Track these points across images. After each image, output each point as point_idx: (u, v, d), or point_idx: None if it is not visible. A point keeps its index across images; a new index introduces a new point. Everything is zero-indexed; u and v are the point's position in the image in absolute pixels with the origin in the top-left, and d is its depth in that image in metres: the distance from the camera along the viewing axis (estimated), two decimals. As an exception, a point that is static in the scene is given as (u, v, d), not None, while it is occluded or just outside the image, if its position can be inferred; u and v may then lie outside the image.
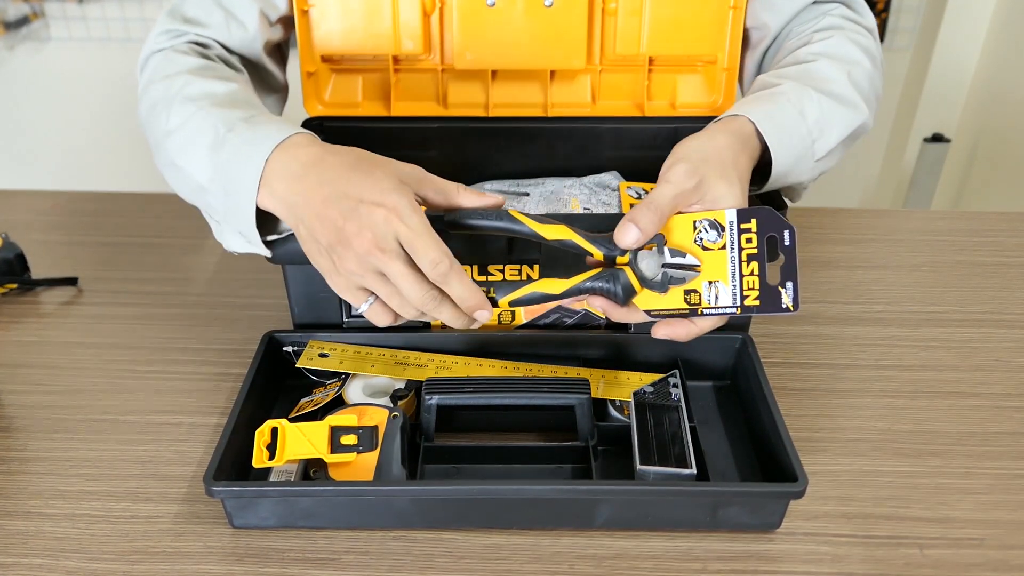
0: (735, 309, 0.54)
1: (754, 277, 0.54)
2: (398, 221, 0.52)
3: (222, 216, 0.62)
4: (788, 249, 0.54)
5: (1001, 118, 2.01)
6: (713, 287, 0.55)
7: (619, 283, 0.55)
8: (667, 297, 0.56)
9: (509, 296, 0.56)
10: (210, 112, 0.62)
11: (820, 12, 0.76)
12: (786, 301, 0.54)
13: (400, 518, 0.58)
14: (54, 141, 2.41)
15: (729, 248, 0.55)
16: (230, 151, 0.59)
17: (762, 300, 0.54)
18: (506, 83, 0.84)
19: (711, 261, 0.55)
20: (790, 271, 0.54)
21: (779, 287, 0.54)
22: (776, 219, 0.54)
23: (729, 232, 0.55)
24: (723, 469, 0.63)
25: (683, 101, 0.84)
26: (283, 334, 0.71)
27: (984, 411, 0.70)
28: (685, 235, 0.56)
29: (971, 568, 0.56)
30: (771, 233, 0.54)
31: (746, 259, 0.54)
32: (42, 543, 0.58)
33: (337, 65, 0.83)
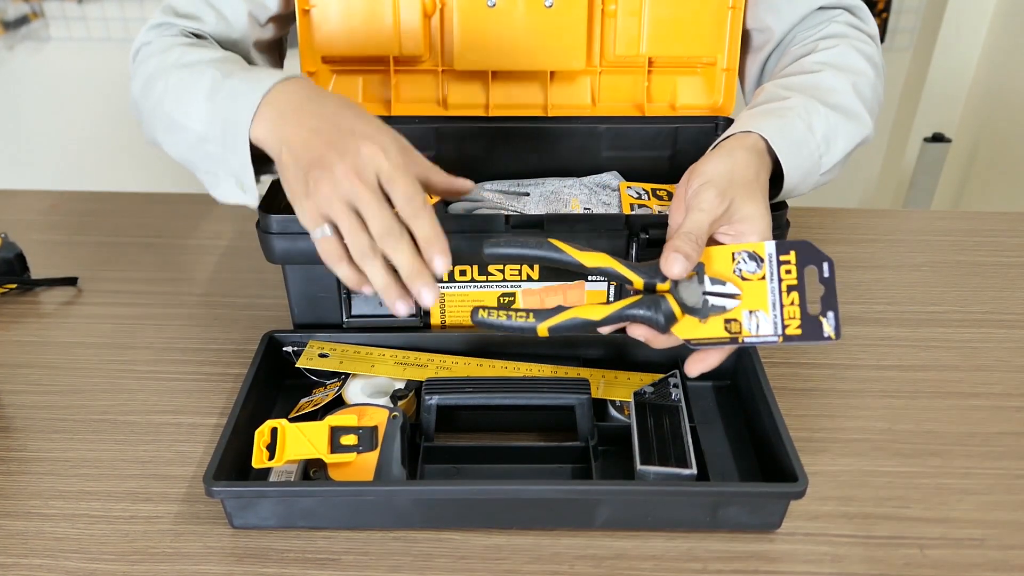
0: (777, 338, 0.54)
1: (795, 307, 0.53)
2: (383, 157, 0.53)
3: (220, 159, 0.63)
4: (828, 281, 0.53)
5: (1001, 118, 2.01)
6: (754, 316, 0.54)
7: (660, 310, 0.54)
8: (707, 326, 0.55)
9: (548, 322, 0.55)
10: (207, 66, 0.64)
11: (825, 18, 0.76)
12: (828, 330, 0.53)
13: (400, 518, 0.58)
14: (54, 141, 2.41)
15: (769, 279, 0.54)
16: (227, 91, 0.61)
17: (804, 329, 0.53)
18: (506, 84, 0.84)
19: (751, 291, 0.55)
20: (830, 301, 0.53)
21: (820, 316, 0.53)
22: (814, 251, 0.54)
23: (768, 264, 0.54)
24: (723, 469, 0.63)
25: (683, 102, 0.84)
26: (283, 334, 0.71)
27: (984, 411, 0.70)
28: (724, 266, 0.56)
29: (971, 568, 0.56)
30: (810, 264, 0.54)
31: (786, 289, 0.54)
32: (42, 543, 0.58)
33: (337, 66, 0.83)
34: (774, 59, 0.80)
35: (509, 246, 0.56)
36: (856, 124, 0.68)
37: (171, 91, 0.65)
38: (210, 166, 0.64)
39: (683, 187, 0.60)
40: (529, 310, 0.55)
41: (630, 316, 0.55)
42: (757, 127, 0.62)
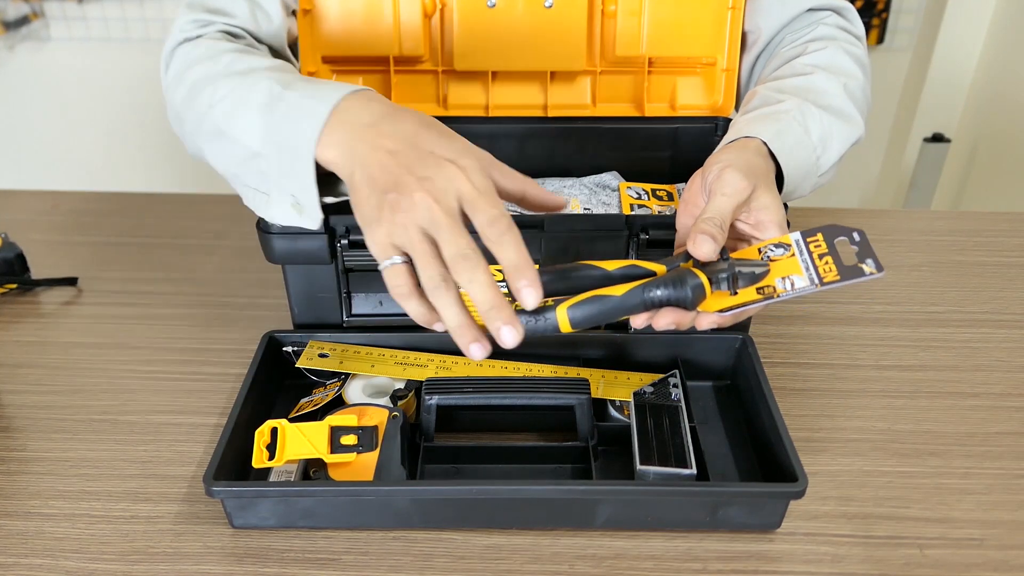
0: (815, 286, 0.52)
1: (829, 264, 0.52)
2: (465, 179, 0.49)
3: (275, 179, 0.58)
4: (862, 242, 0.52)
5: (1001, 118, 2.01)
6: (787, 280, 0.53)
7: (687, 285, 0.50)
8: (738, 297, 0.53)
9: (566, 303, 0.50)
10: (263, 75, 0.59)
11: (814, 20, 0.77)
12: (868, 269, 0.51)
13: (400, 518, 0.58)
14: (54, 141, 2.41)
15: (799, 254, 0.54)
16: (287, 107, 0.56)
17: (842, 274, 0.51)
18: (506, 84, 0.84)
19: (780, 265, 0.53)
20: (866, 252, 0.52)
21: (858, 264, 0.51)
22: (840, 228, 0.54)
23: (796, 247, 0.54)
24: (723, 469, 0.63)
25: (683, 102, 0.84)
26: (283, 334, 0.71)
27: (984, 411, 0.70)
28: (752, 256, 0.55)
29: (971, 568, 0.56)
30: (839, 236, 0.53)
31: (818, 256, 0.53)
32: (42, 543, 0.58)
33: (337, 66, 0.83)
34: (762, 60, 0.80)
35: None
36: (849, 125, 0.68)
37: (221, 101, 0.60)
38: (261, 184, 0.60)
39: (694, 183, 0.60)
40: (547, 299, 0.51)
41: (655, 295, 0.51)
42: (756, 132, 0.62)
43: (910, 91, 2.19)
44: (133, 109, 2.30)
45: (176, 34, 0.71)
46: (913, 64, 2.17)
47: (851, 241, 0.53)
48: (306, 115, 0.55)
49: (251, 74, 0.60)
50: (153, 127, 2.29)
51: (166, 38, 0.72)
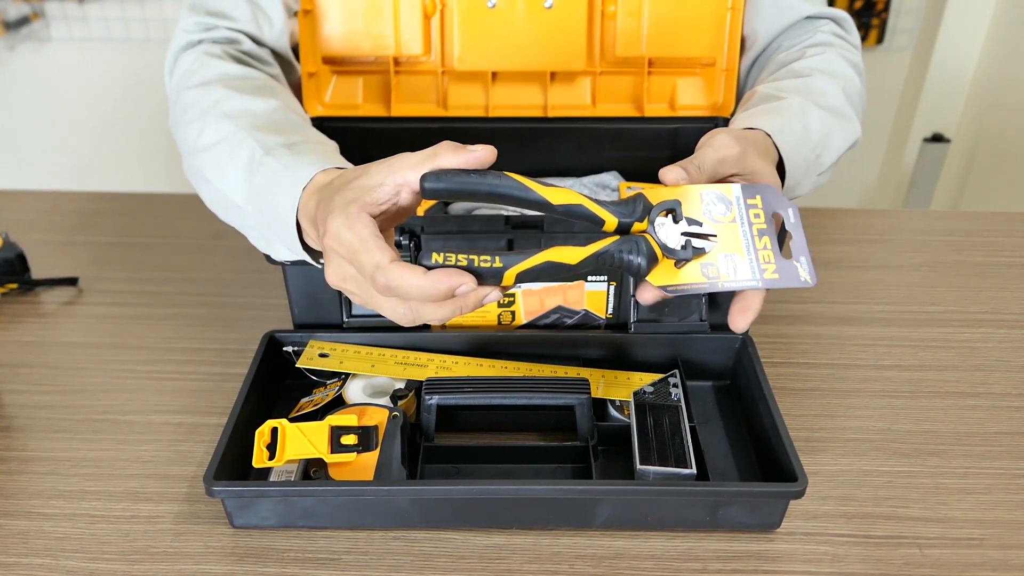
0: (756, 282, 0.51)
1: (768, 251, 0.52)
2: (336, 245, 0.48)
3: (263, 232, 0.60)
4: (795, 226, 0.53)
5: (1001, 118, 2.01)
6: (730, 259, 0.51)
7: (641, 251, 0.50)
8: (684, 272, 0.51)
9: (516, 267, 0.48)
10: (249, 134, 0.60)
11: (811, 28, 0.78)
12: (803, 275, 0.51)
13: (400, 518, 0.58)
14: (54, 141, 2.41)
15: (740, 222, 0.52)
16: (267, 174, 0.57)
17: (780, 274, 0.51)
18: (506, 85, 0.84)
19: (723, 234, 0.52)
20: (801, 247, 0.52)
21: (794, 262, 0.52)
22: (778, 198, 0.53)
23: (737, 206, 0.52)
24: (723, 469, 0.63)
25: (683, 103, 0.84)
26: (283, 334, 0.71)
27: (984, 411, 0.70)
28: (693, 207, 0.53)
29: (971, 568, 0.56)
30: (775, 210, 0.53)
31: (757, 233, 0.52)
32: (42, 543, 0.58)
33: (338, 66, 0.83)
34: (757, 67, 0.81)
35: (457, 179, 0.48)
36: (848, 125, 0.69)
37: (207, 150, 0.62)
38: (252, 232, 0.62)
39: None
40: (496, 254, 0.48)
41: (608, 258, 0.50)
42: (759, 124, 0.62)
43: (910, 91, 2.19)
44: (133, 109, 2.30)
45: (179, 37, 0.72)
46: (913, 64, 2.17)
47: (786, 221, 0.52)
48: (283, 188, 0.56)
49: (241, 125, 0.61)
50: (153, 127, 2.29)
51: (170, 40, 0.72)
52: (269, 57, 0.75)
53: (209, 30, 0.72)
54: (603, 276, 0.70)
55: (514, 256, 0.48)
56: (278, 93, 0.68)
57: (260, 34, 0.74)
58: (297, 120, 0.65)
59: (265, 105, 0.64)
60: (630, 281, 0.70)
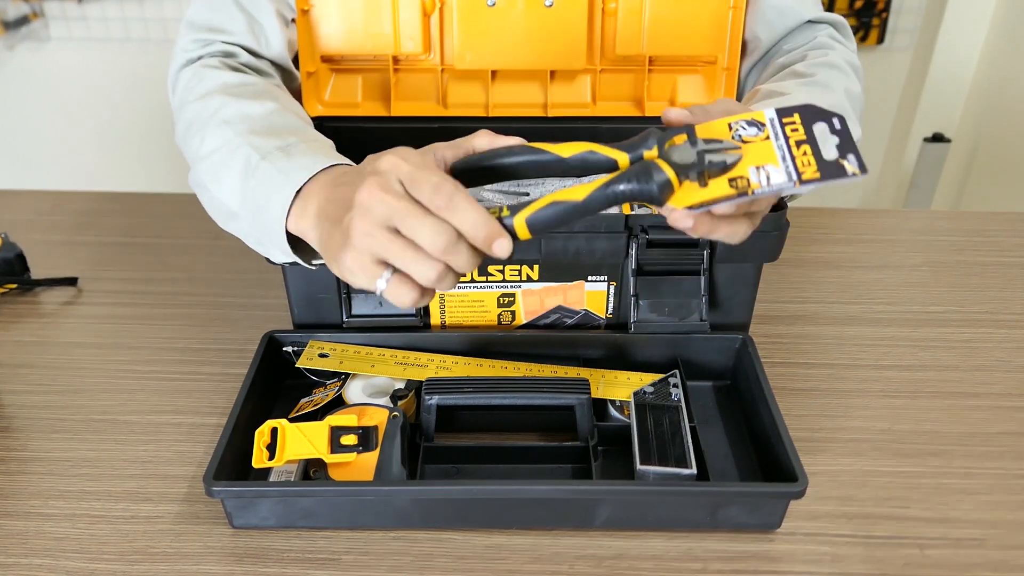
0: (792, 183, 0.47)
1: (808, 156, 0.47)
2: (401, 162, 0.49)
3: (258, 238, 0.60)
4: (841, 132, 0.48)
5: (1001, 118, 2.01)
6: (762, 171, 0.47)
7: (652, 178, 0.47)
8: (709, 188, 0.47)
9: (524, 212, 0.48)
10: (245, 139, 0.60)
11: (812, 32, 0.79)
12: (851, 168, 0.46)
13: (400, 518, 0.58)
14: (54, 141, 2.41)
15: (773, 137, 0.48)
16: (260, 178, 0.58)
17: (822, 171, 0.47)
18: (506, 83, 0.84)
19: (755, 150, 0.48)
20: (847, 146, 0.47)
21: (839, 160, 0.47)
22: (820, 112, 0.49)
23: (771, 127, 0.49)
24: (723, 469, 0.63)
25: (683, 101, 0.84)
26: (283, 334, 0.71)
27: (984, 411, 0.70)
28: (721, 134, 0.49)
29: (971, 568, 0.56)
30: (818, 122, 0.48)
31: (795, 144, 0.48)
32: (42, 543, 0.58)
33: (337, 65, 0.82)
34: (756, 71, 0.81)
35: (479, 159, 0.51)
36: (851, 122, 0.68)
37: (206, 159, 0.62)
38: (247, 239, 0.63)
39: None
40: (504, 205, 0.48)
41: (618, 192, 0.48)
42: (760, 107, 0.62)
43: (910, 91, 2.19)
44: (133, 109, 2.30)
45: (178, 56, 0.73)
46: (913, 64, 2.17)
47: (830, 128, 0.48)
48: (276, 190, 0.56)
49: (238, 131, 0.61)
50: (153, 127, 2.29)
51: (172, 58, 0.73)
52: (268, 68, 0.75)
53: (207, 46, 0.73)
54: (603, 276, 0.70)
55: (519, 204, 0.48)
56: (277, 96, 0.68)
57: (257, 47, 0.75)
58: (294, 121, 0.65)
59: (262, 108, 0.64)
60: (631, 281, 0.70)
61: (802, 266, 0.91)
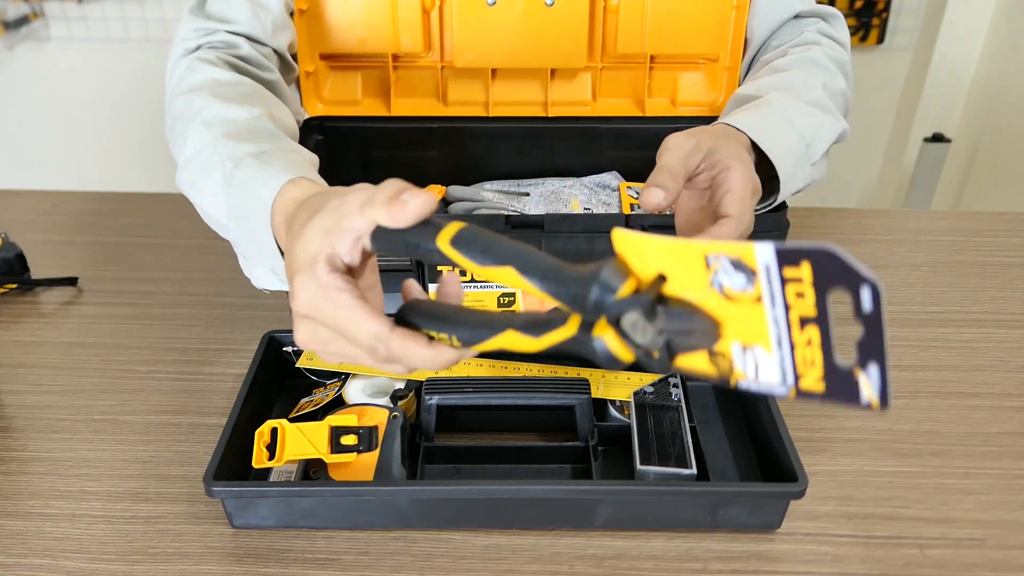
0: (785, 390, 0.35)
1: (814, 349, 0.33)
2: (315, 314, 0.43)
3: (247, 250, 0.59)
4: (871, 317, 0.32)
5: (1001, 118, 2.01)
6: (749, 353, 0.35)
7: (596, 355, 0.38)
8: (686, 358, 0.37)
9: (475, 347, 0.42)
10: (221, 145, 0.58)
11: (800, 27, 0.78)
12: (868, 392, 0.32)
13: (400, 518, 0.58)
14: (54, 141, 2.41)
15: (768, 303, 0.34)
16: (239, 187, 0.56)
17: (828, 385, 0.33)
18: (506, 81, 0.84)
19: (741, 317, 0.35)
20: (873, 349, 0.32)
21: (856, 369, 0.32)
22: (843, 267, 0.32)
23: (766, 282, 0.34)
24: (723, 469, 0.63)
25: (684, 99, 0.84)
26: (283, 334, 0.71)
27: (984, 411, 0.70)
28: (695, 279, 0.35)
29: (971, 568, 0.56)
30: (837, 288, 0.33)
31: (798, 321, 0.34)
32: (42, 543, 0.58)
33: (336, 62, 0.82)
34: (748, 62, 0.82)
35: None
36: (832, 118, 0.69)
37: (188, 163, 0.61)
38: (239, 250, 0.60)
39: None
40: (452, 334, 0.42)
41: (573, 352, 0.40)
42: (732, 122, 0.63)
43: (910, 91, 2.19)
44: (133, 109, 2.30)
45: (178, 44, 0.72)
46: (913, 64, 2.17)
47: (856, 305, 0.32)
48: (252, 197, 0.54)
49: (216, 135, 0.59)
50: (153, 127, 2.28)
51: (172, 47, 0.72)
52: (268, 60, 0.74)
53: (208, 35, 0.72)
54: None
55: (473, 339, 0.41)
56: (266, 101, 0.66)
57: (260, 32, 0.73)
58: (275, 129, 0.61)
59: (246, 113, 0.62)
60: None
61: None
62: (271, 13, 0.73)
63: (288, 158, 0.56)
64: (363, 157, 0.86)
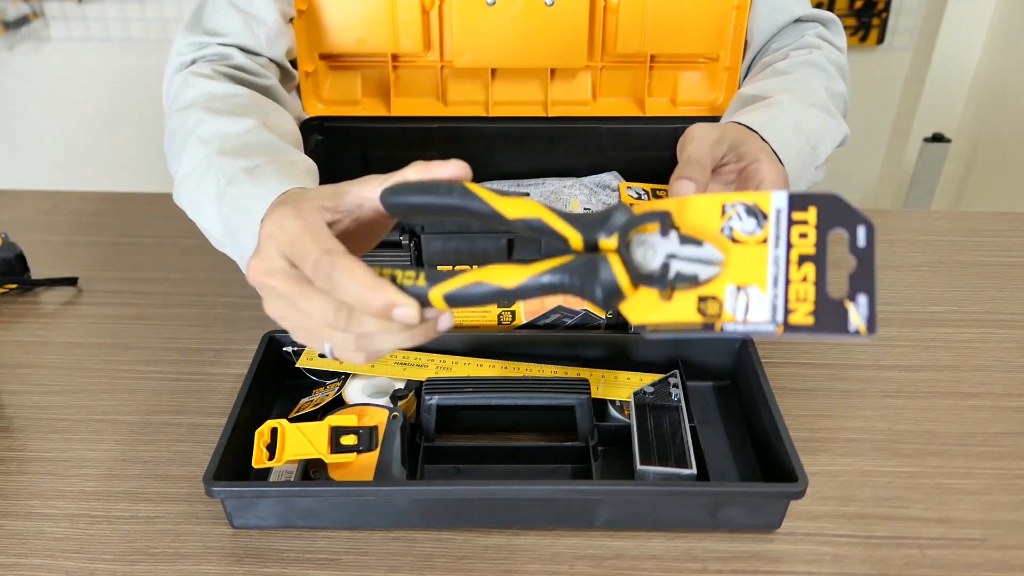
0: (773, 326, 0.38)
1: (808, 285, 0.37)
2: (278, 231, 0.44)
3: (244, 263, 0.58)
4: (864, 252, 0.37)
5: (1001, 118, 2.01)
6: (742, 294, 0.38)
7: (597, 278, 0.39)
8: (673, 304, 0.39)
9: (443, 286, 0.41)
10: (214, 161, 0.58)
11: (799, 31, 0.79)
12: (856, 321, 0.36)
13: (400, 518, 0.58)
14: (54, 141, 2.41)
15: (772, 243, 0.38)
16: (231, 204, 0.55)
17: (818, 317, 0.37)
18: (506, 80, 0.84)
19: (743, 258, 0.39)
20: (864, 280, 0.37)
21: (845, 301, 0.37)
22: (846, 210, 0.38)
23: (775, 223, 0.38)
24: (723, 469, 0.63)
25: (684, 98, 0.84)
26: (283, 334, 0.71)
27: (984, 411, 0.70)
28: (709, 220, 0.40)
29: (971, 568, 0.56)
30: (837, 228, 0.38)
31: (797, 259, 0.38)
32: (42, 543, 0.58)
33: (335, 62, 0.82)
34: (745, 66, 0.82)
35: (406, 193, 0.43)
36: (835, 122, 0.69)
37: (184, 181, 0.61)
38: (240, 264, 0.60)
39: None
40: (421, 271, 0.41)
41: (554, 285, 0.40)
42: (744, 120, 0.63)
43: (910, 91, 2.19)
44: (133, 109, 2.30)
45: (173, 59, 0.72)
46: (913, 64, 2.17)
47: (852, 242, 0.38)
48: (243, 213, 0.54)
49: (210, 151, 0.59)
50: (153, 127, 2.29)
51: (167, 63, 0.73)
52: (263, 68, 0.73)
53: (202, 48, 0.72)
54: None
55: (440, 274, 0.41)
56: (262, 110, 0.66)
57: (254, 42, 0.73)
58: (270, 140, 0.61)
59: (241, 126, 0.61)
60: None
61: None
62: (265, 24, 0.73)
63: (282, 169, 0.56)
64: (363, 157, 0.86)
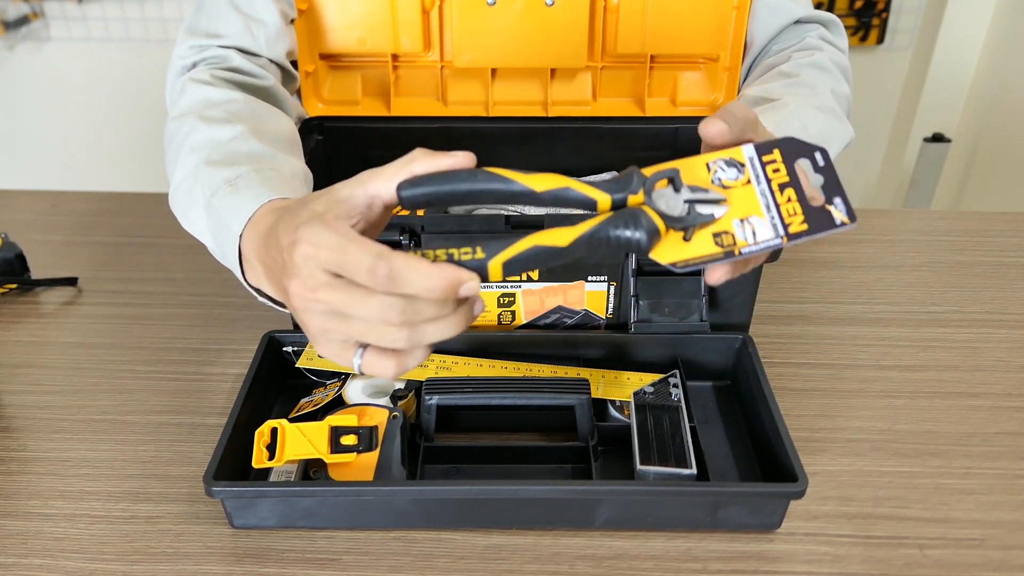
0: (779, 239, 0.46)
1: (793, 203, 0.46)
2: (315, 249, 0.43)
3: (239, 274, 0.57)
4: (825, 169, 0.47)
5: (1001, 118, 2.01)
6: (747, 224, 0.46)
7: (641, 225, 0.44)
8: (694, 243, 0.46)
9: (501, 256, 0.43)
10: (202, 172, 0.58)
11: (801, 32, 0.79)
12: (839, 216, 0.45)
13: (400, 518, 0.58)
14: (54, 141, 2.41)
15: (755, 181, 0.47)
16: (216, 218, 0.55)
17: (810, 222, 0.45)
18: (506, 80, 0.84)
19: (737, 199, 0.47)
20: (834, 187, 0.46)
21: (826, 205, 0.46)
22: (801, 145, 0.47)
23: (751, 167, 0.47)
24: (723, 469, 0.63)
25: (684, 98, 0.84)
26: (283, 334, 0.71)
27: (984, 411, 0.70)
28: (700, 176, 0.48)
29: (971, 568, 0.56)
30: (800, 158, 0.47)
31: (778, 188, 0.47)
32: (42, 543, 0.58)
33: (335, 62, 0.83)
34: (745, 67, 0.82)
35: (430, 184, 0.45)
36: (841, 125, 0.69)
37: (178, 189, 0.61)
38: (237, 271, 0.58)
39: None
40: (477, 245, 0.43)
41: (606, 239, 0.44)
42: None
43: (910, 91, 2.19)
44: (133, 109, 2.30)
45: (174, 63, 0.72)
46: (913, 64, 2.17)
47: (814, 165, 0.47)
48: (223, 229, 0.54)
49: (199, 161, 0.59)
50: (153, 127, 2.29)
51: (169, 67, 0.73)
52: (262, 69, 0.73)
53: (202, 51, 0.72)
54: (603, 276, 0.70)
55: (496, 243, 0.43)
56: (255, 114, 0.65)
57: (254, 44, 0.73)
58: (256, 147, 0.60)
59: (229, 133, 0.60)
60: (631, 282, 0.70)
61: (802, 266, 0.91)
62: (265, 26, 0.73)
63: (262, 180, 0.55)
64: (363, 157, 0.86)
